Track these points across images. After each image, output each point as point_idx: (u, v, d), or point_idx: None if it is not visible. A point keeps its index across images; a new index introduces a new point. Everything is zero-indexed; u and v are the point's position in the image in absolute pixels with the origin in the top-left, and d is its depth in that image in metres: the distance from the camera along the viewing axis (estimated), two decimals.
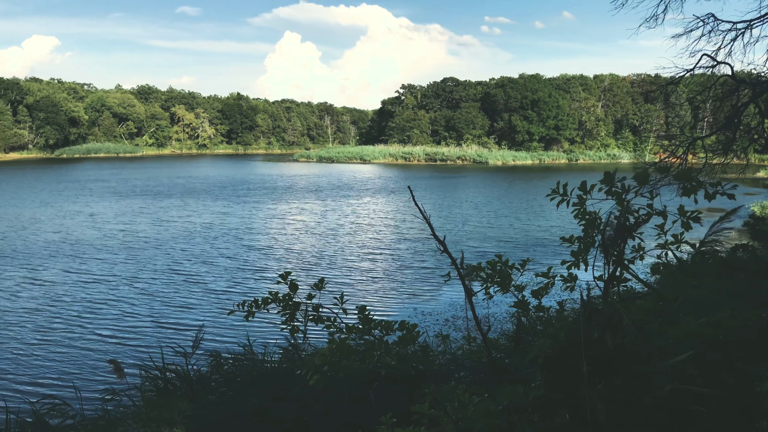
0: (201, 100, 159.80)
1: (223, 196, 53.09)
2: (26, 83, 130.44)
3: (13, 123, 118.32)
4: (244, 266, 25.47)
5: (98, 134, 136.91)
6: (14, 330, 17.14)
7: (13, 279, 23.01)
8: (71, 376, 13.81)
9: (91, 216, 40.17)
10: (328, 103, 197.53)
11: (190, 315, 18.63)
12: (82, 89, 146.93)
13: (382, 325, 4.17)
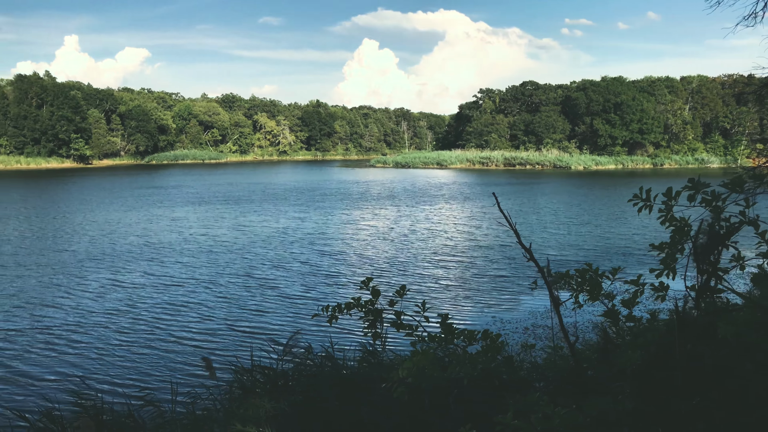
0: (282, 108, 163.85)
1: (300, 202, 54.00)
2: (119, 93, 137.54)
3: (107, 131, 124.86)
4: (317, 271, 25.71)
5: (185, 141, 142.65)
6: (100, 330, 17.85)
7: (99, 281, 23.98)
8: (159, 374, 14.32)
9: (174, 220, 41.64)
10: (405, 109, 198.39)
11: (266, 318, 18.85)
12: (171, 98, 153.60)
13: (465, 335, 4.11)
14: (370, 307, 4.97)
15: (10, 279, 24.21)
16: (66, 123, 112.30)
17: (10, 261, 27.70)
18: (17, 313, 19.50)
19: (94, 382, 13.98)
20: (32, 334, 17.46)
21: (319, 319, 18.61)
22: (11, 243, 32.38)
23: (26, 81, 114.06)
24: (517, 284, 23.02)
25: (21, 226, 38.65)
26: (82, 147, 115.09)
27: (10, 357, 15.63)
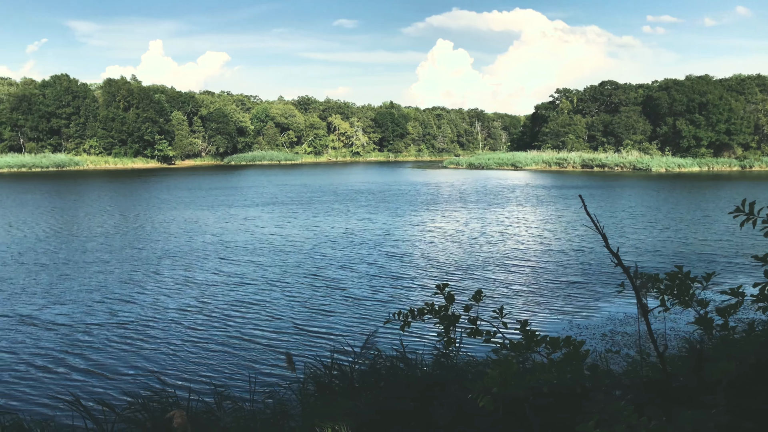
0: (355, 110, 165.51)
1: (370, 203, 54.24)
2: (200, 96, 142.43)
3: (189, 133, 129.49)
4: (385, 273, 25.57)
5: (262, 143, 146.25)
6: (174, 326, 18.27)
7: (174, 278, 24.68)
8: (231, 371, 14.63)
9: (247, 220, 42.57)
10: (479, 110, 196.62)
11: (333, 319, 18.88)
12: (249, 101, 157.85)
13: (547, 342, 4.00)
14: (445, 313, 4.91)
15: (91, 274, 25.37)
16: (151, 125, 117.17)
17: (93, 257, 29.05)
18: (97, 308, 20.36)
19: (169, 377, 14.42)
20: (110, 328, 18.21)
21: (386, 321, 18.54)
22: (95, 240, 33.98)
23: (114, 85, 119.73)
24: (592, 290, 22.35)
25: (106, 223, 40.54)
26: (165, 148, 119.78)
27: (91, 350, 16.32)
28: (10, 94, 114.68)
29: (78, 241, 33.36)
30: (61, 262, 27.90)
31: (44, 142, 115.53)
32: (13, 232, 36.55)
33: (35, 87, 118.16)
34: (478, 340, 4.76)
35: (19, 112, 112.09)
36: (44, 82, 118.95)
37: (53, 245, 32.07)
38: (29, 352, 16.05)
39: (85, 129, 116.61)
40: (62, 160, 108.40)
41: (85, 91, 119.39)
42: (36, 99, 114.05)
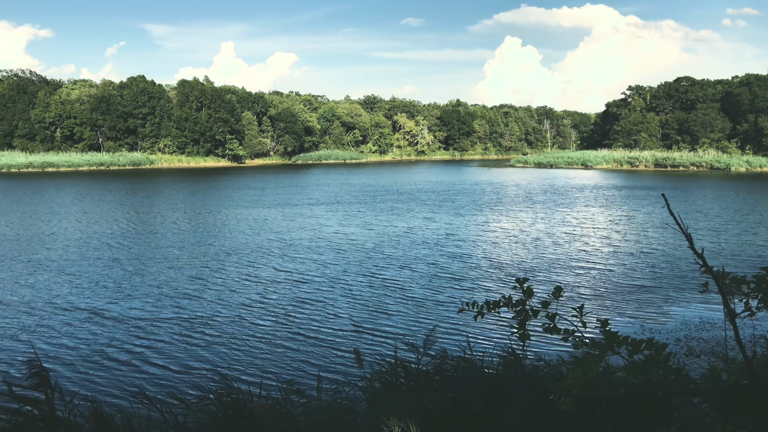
0: (421, 108, 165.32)
1: (433, 202, 53.94)
2: (269, 96, 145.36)
3: (258, 132, 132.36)
4: (444, 274, 25.19)
5: (328, 142, 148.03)
6: (236, 321, 18.59)
7: (238, 274, 25.25)
8: (292, 367, 14.81)
9: (310, 218, 43.07)
10: (548, 107, 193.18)
11: (391, 319, 18.91)
12: (316, 101, 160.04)
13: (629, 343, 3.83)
14: (522, 307, 4.80)
15: (161, 270, 26.19)
16: (222, 125, 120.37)
17: (164, 253, 30.00)
18: (165, 303, 21.00)
19: (234, 372, 14.67)
20: (178, 322, 18.73)
21: (452, 319, 18.47)
22: (167, 236, 35.11)
23: (187, 86, 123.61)
24: (664, 293, 21.53)
25: (177, 220, 41.86)
26: (236, 147, 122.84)
27: (160, 343, 16.84)
28: (90, 95, 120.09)
29: (150, 238, 34.58)
30: (134, 257, 28.96)
31: (121, 141, 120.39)
32: (90, 227, 38.20)
33: (114, 88, 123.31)
34: (545, 339, 4.63)
35: (99, 112, 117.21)
36: (122, 84, 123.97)
37: (127, 241, 33.34)
38: (101, 344, 16.71)
39: (159, 129, 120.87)
40: (138, 158, 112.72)
41: (160, 92, 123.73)
42: (114, 100, 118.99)
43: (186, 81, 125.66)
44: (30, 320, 18.96)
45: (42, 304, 20.69)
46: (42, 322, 18.72)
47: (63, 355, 15.97)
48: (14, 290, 22.60)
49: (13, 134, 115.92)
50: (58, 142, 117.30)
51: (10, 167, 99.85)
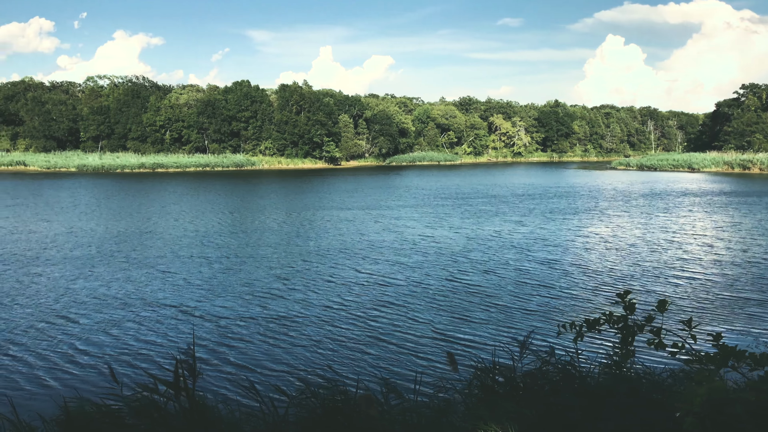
0: (518, 109, 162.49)
1: (526, 205, 52.76)
2: (365, 99, 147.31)
3: (354, 134, 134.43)
4: (532, 281, 24.52)
5: (423, 144, 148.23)
6: (317, 322, 19.06)
7: (319, 275, 25.75)
8: (396, 366, 14.90)
9: (396, 219, 43.22)
10: (652, 107, 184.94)
11: (473, 326, 18.67)
12: (411, 102, 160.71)
13: (747, 358, 3.55)
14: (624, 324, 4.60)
15: (250, 269, 27.10)
16: (319, 127, 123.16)
17: (253, 252, 30.98)
18: (250, 301, 21.71)
19: (318, 371, 14.99)
20: (264, 322, 19.29)
21: (541, 329, 17.96)
22: (258, 235, 36.28)
23: (287, 90, 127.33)
24: None
25: (270, 219, 43.12)
26: (332, 149, 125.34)
27: (242, 343, 17.46)
28: (197, 99, 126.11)
29: (241, 237, 35.86)
30: (224, 256, 30.10)
31: (225, 144, 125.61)
32: (188, 226, 40.07)
33: (218, 93, 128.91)
34: (645, 349, 4.40)
35: (205, 116, 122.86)
36: (226, 88, 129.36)
37: (219, 240, 34.72)
38: (187, 341, 17.48)
39: (261, 131, 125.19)
40: (240, 160, 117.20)
41: (262, 96, 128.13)
42: (219, 104, 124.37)
43: (286, 85, 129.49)
44: (123, 314, 20.16)
45: (134, 300, 21.96)
46: (133, 318, 19.88)
47: (153, 350, 16.87)
48: (109, 285, 24.04)
49: (127, 137, 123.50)
50: (167, 144, 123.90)
51: (124, 168, 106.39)
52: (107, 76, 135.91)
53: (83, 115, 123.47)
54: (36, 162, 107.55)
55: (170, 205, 52.83)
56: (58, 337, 17.85)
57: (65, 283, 24.36)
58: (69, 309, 20.65)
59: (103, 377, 14.82)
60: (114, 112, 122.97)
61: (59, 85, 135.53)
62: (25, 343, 17.29)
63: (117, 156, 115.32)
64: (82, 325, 18.98)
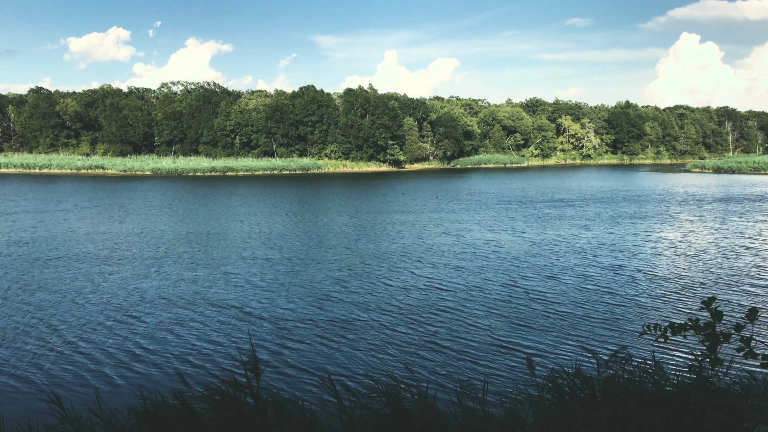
0: (587, 111, 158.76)
1: (593, 208, 51.43)
2: (430, 102, 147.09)
3: (419, 137, 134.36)
4: (595, 287, 23.91)
5: (488, 146, 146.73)
6: (371, 324, 19.23)
7: (374, 278, 25.87)
8: (463, 371, 14.75)
9: (458, 223, 42.83)
10: (730, 108, 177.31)
11: (531, 333, 18.31)
12: (477, 105, 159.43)
13: None
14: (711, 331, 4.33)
15: (311, 273, 27.47)
16: (384, 130, 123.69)
17: (314, 255, 31.40)
18: (312, 304, 22.04)
19: (379, 374, 14.93)
20: (323, 325, 19.58)
21: (610, 331, 17.32)
22: (318, 238, 36.74)
23: (352, 94, 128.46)
24: None
25: (331, 222, 43.55)
26: (396, 152, 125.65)
27: (305, 345, 17.74)
28: (265, 104, 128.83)
29: (304, 239, 36.38)
30: (286, 257, 30.59)
31: (292, 147, 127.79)
32: (252, 228, 40.96)
33: (286, 98, 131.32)
34: (762, 369, 4.12)
35: (273, 120, 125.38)
36: (293, 93, 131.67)
37: (282, 242, 35.32)
38: (249, 342, 17.81)
39: (327, 135, 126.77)
40: (306, 163, 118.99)
41: (328, 100, 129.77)
42: (287, 108, 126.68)
43: (351, 89, 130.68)
44: (187, 313, 20.76)
45: (199, 300, 22.62)
46: (197, 317, 20.50)
47: (216, 349, 17.26)
48: (176, 285, 24.75)
49: (198, 141, 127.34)
50: (237, 148, 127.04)
51: (196, 171, 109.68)
52: (180, 82, 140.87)
53: (157, 120, 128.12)
54: (113, 166, 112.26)
55: (237, 207, 54.08)
56: (127, 335, 18.57)
57: (135, 282, 25.28)
58: (137, 307, 21.42)
59: (167, 375, 15.30)
60: (186, 117, 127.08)
61: (135, 91, 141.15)
62: (95, 340, 18.05)
63: (189, 160, 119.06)
64: (148, 323, 19.67)
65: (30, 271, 27.42)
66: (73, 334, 18.61)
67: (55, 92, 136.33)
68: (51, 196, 63.44)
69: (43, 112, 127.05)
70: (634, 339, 17.06)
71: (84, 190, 73.28)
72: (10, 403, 13.81)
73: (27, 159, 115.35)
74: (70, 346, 17.50)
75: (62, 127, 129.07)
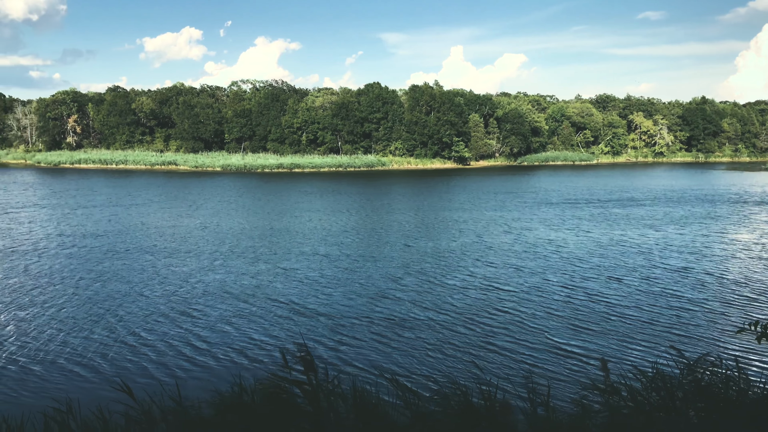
0: (660, 107, 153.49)
1: (661, 208, 49.53)
2: (497, 98, 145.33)
3: (484, 134, 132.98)
4: (658, 290, 23.01)
5: (557, 143, 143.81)
6: (435, 325, 19.19)
7: (436, 277, 25.72)
8: (524, 370, 14.60)
9: (518, 221, 42.04)
10: None
11: (593, 336, 17.79)
12: (544, 101, 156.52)
13: None
14: None
15: (368, 270, 27.59)
16: (449, 127, 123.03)
17: (371, 252, 31.50)
18: (368, 301, 22.19)
19: (436, 374, 14.69)
20: (378, 322, 19.65)
21: (679, 336, 16.56)
22: (379, 236, 36.82)
23: (418, 90, 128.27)
24: None
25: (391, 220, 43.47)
26: (461, 149, 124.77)
27: (359, 341, 17.81)
28: (331, 102, 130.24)
29: (363, 236, 36.59)
30: (344, 254, 30.84)
31: (357, 144, 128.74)
32: (315, 224, 41.36)
33: (351, 95, 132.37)
34: None
35: (339, 118, 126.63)
36: (359, 91, 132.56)
37: (343, 238, 35.61)
38: (303, 336, 18.03)
39: (391, 132, 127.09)
40: (371, 160, 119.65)
41: (394, 97, 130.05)
42: (352, 106, 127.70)
43: (416, 86, 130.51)
44: (246, 307, 21.17)
45: (258, 294, 23.09)
46: (254, 311, 20.92)
47: (273, 342, 17.59)
48: (238, 279, 25.29)
49: (266, 138, 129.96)
50: (303, 145, 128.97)
51: (264, 167, 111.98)
52: (249, 80, 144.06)
53: (227, 117, 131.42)
54: (185, 162, 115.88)
55: (301, 203, 54.85)
56: (189, 327, 19.18)
57: (199, 275, 26.04)
58: (199, 300, 22.08)
59: (225, 368, 15.67)
60: (255, 115, 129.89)
61: (207, 89, 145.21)
62: (158, 331, 18.71)
63: (257, 157, 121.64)
64: (210, 316, 20.26)
65: (102, 262, 28.59)
66: (139, 324, 19.31)
67: (131, 91, 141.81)
68: (125, 191, 65.97)
69: (120, 110, 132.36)
70: (706, 344, 16.35)
71: (156, 185, 75.86)
72: (78, 390, 14.40)
73: (104, 155, 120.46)
74: (135, 337, 18.19)
75: (138, 125, 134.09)
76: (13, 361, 16.31)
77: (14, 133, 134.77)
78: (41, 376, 15.37)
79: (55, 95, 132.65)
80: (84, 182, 75.89)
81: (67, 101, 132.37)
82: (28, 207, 49.47)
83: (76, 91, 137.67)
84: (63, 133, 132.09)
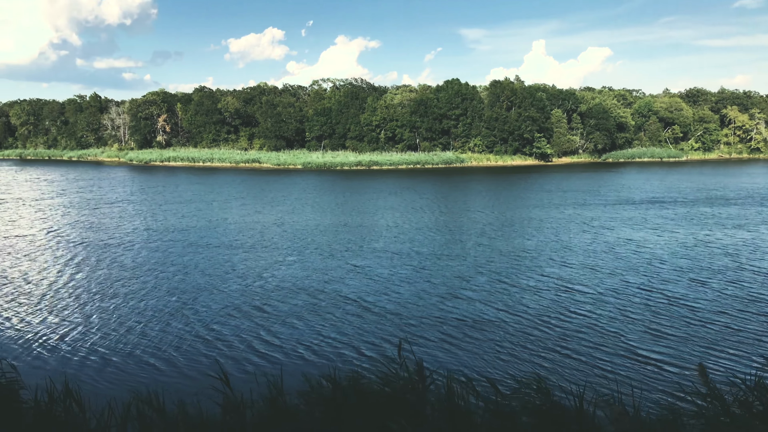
0: (757, 100, 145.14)
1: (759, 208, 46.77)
2: (580, 93, 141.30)
3: (567, 130, 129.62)
4: (744, 294, 21.61)
5: (643, 139, 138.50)
6: (507, 326, 18.82)
7: (508, 278, 25.18)
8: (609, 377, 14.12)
9: (599, 220, 40.57)
10: None
11: (672, 342, 16.82)
12: (630, 95, 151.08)
13: None
14: None
15: (438, 269, 27.32)
16: (531, 123, 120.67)
17: (442, 250, 31.14)
18: (437, 300, 21.98)
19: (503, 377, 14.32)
20: (450, 321, 19.32)
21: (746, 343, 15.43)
22: (450, 234, 36.39)
23: (498, 86, 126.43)
24: None
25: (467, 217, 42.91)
26: (543, 145, 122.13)
27: (427, 341, 17.64)
28: (410, 99, 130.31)
29: (435, 234, 36.29)
30: (416, 251, 30.65)
31: (435, 141, 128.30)
32: (388, 221, 41.35)
33: (430, 92, 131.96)
34: None
35: (417, 115, 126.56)
36: (438, 87, 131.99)
37: (415, 236, 35.43)
38: (372, 334, 17.82)
39: (470, 129, 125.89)
40: (449, 157, 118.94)
41: (473, 93, 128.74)
42: (431, 102, 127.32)
43: (497, 81, 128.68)
44: (317, 303, 21.51)
45: (330, 290, 23.32)
46: (325, 307, 21.16)
47: (342, 339, 17.65)
48: (310, 275, 25.75)
49: (346, 136, 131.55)
50: (381, 142, 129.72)
51: (343, 165, 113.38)
52: (330, 79, 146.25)
53: (308, 116, 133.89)
54: (268, 160, 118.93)
55: (378, 201, 55.09)
56: (261, 322, 19.56)
57: (273, 270, 26.61)
58: (270, 295, 22.59)
59: (295, 365, 15.83)
60: (335, 113, 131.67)
61: (289, 88, 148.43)
62: (232, 325, 19.17)
63: (337, 154, 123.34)
64: (280, 311, 20.72)
65: (184, 255, 29.66)
66: (213, 318, 19.90)
67: (217, 90, 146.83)
68: (209, 187, 68.24)
69: (206, 110, 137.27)
70: None
71: (239, 182, 78.09)
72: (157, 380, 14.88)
73: (192, 153, 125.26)
74: (209, 331, 18.71)
75: (223, 123, 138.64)
76: (94, 351, 17.09)
77: (109, 133, 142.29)
78: (119, 366, 16.07)
79: (146, 96, 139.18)
80: (171, 179, 79.10)
81: (158, 101, 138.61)
82: (119, 202, 52.02)
83: (165, 92, 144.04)
84: (153, 132, 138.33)
